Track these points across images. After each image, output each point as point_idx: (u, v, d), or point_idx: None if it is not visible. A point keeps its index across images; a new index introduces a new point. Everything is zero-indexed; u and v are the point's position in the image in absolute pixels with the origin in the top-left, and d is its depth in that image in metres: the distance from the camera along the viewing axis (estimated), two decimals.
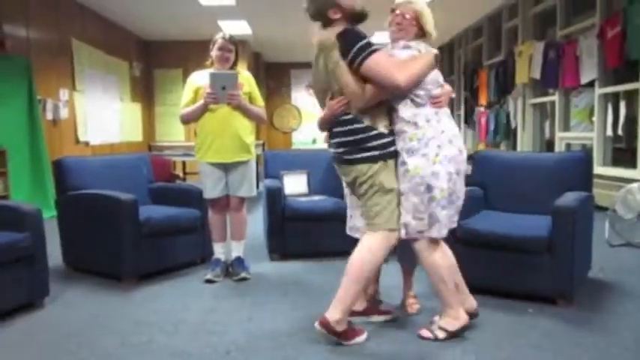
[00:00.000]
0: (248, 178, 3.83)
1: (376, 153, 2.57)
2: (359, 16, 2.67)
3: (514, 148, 9.20)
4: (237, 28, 9.91)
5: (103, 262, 3.83)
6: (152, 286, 3.68)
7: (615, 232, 4.73)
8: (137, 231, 3.69)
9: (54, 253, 3.79)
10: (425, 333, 2.71)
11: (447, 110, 2.69)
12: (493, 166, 3.90)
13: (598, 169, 6.23)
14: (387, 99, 2.60)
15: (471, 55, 11.48)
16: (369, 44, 2.51)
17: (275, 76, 15.11)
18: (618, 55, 6.09)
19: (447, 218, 2.62)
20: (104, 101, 9.31)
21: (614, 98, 6.81)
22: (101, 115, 9.13)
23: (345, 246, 4.31)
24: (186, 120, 3.80)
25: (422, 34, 2.73)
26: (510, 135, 9.39)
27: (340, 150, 2.66)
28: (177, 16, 9.44)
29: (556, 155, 4.78)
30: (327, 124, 2.71)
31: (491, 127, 9.85)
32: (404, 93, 2.56)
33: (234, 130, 3.72)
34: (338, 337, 2.60)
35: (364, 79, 2.52)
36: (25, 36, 6.81)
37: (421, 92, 2.59)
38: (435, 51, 2.66)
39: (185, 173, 9.29)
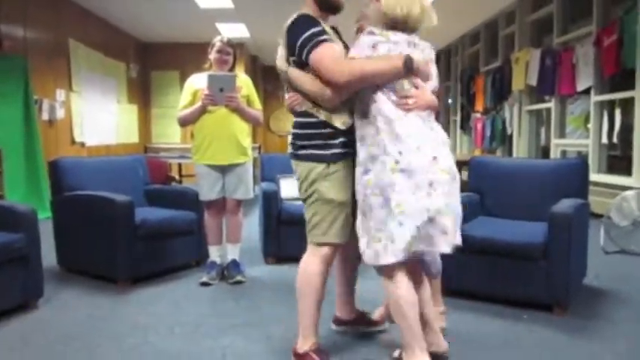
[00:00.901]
0: (245, 180, 3.83)
1: (321, 152, 2.30)
2: (330, 4, 2.41)
3: (510, 154, 9.23)
4: (234, 31, 9.92)
5: (98, 264, 3.81)
6: (147, 289, 3.66)
7: (610, 239, 4.75)
8: (133, 233, 3.68)
9: (49, 254, 3.77)
10: None
11: (423, 114, 2.23)
12: (489, 172, 3.91)
13: (593, 177, 6.25)
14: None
15: (467, 61, 11.52)
16: (314, 34, 2.21)
17: (272, 80, 15.11)
18: (614, 63, 6.13)
19: (402, 239, 2.12)
20: (101, 102, 9.29)
21: (610, 106, 6.85)
22: (97, 116, 9.11)
23: None
24: (184, 122, 3.80)
25: (393, 22, 2.24)
26: (506, 141, 9.42)
27: (291, 142, 2.44)
28: (175, 19, 9.43)
29: (552, 162, 4.80)
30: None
31: (488, 133, 9.88)
32: (346, 91, 2.22)
33: (231, 133, 3.72)
34: (297, 359, 2.40)
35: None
36: (22, 36, 6.79)
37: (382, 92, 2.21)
38: (407, 55, 2.19)
39: (181, 175, 9.28)
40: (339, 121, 2.30)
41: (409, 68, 2.18)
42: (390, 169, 2.14)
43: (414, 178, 2.12)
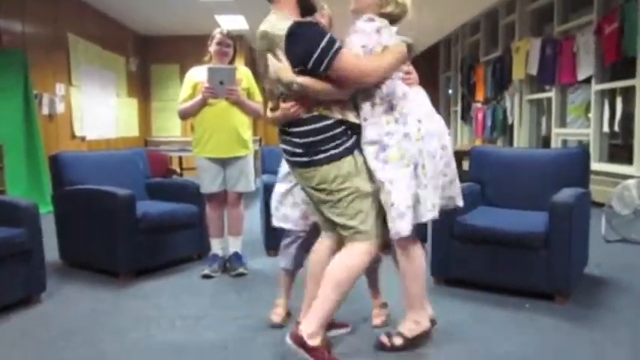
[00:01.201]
0: (245, 173, 3.83)
1: (342, 149, 2.28)
2: (310, 7, 2.43)
3: (510, 144, 9.22)
4: (234, 23, 9.88)
5: (100, 258, 3.82)
6: (149, 282, 3.67)
7: (612, 228, 4.75)
8: (134, 226, 3.68)
9: (51, 248, 3.78)
10: (383, 339, 2.54)
11: (421, 89, 2.44)
12: (490, 162, 3.91)
13: (594, 166, 6.24)
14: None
15: (468, 51, 11.48)
16: (332, 41, 2.19)
17: None
18: (615, 51, 6.10)
19: (429, 200, 2.31)
20: (100, 96, 9.28)
21: (611, 95, 6.83)
22: (97, 110, 9.10)
23: None
24: (185, 115, 3.80)
25: (385, 9, 2.35)
26: (507, 131, 9.40)
27: (298, 151, 2.32)
28: (175, 11, 9.40)
29: (553, 151, 4.80)
30: (281, 124, 2.40)
31: (488, 123, 9.87)
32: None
33: (231, 125, 3.72)
34: (308, 352, 2.26)
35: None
36: (21, 30, 6.77)
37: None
38: (408, 40, 2.40)
39: (182, 168, 9.28)
40: (352, 115, 2.33)
41: (410, 52, 2.38)
42: (415, 139, 2.29)
43: (432, 143, 2.31)
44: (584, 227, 3.44)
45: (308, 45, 2.19)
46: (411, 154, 2.27)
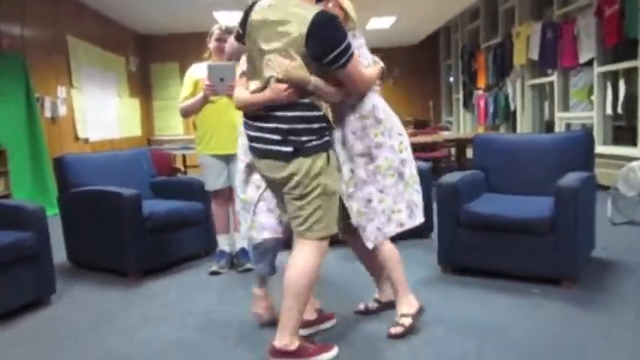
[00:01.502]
0: None
1: (320, 143, 2.26)
2: None
3: (514, 130, 9.19)
4: (232, 19, 9.84)
5: (108, 258, 3.84)
6: (158, 280, 3.69)
7: (618, 210, 4.74)
8: (141, 226, 3.70)
9: (58, 250, 3.80)
10: (393, 330, 2.59)
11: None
12: (493, 149, 3.90)
13: (599, 148, 6.21)
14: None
15: (467, 38, 11.42)
16: (350, 43, 2.24)
17: None
18: (617, 33, 6.06)
19: (421, 202, 2.63)
20: (102, 97, 9.29)
21: (614, 76, 6.79)
22: (99, 112, 9.12)
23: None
24: (187, 113, 3.79)
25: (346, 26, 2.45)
26: (510, 117, 9.37)
27: (276, 138, 2.24)
28: (173, 9, 9.39)
29: (557, 136, 4.78)
30: (259, 106, 2.29)
31: (491, 109, 9.83)
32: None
33: (233, 122, 3.71)
34: (295, 356, 2.29)
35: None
36: (19, 33, 6.78)
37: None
38: (382, 64, 2.61)
39: (186, 166, 9.29)
40: (330, 117, 2.33)
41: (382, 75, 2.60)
42: (398, 150, 2.53)
43: (409, 152, 2.60)
44: (590, 211, 3.44)
45: (333, 40, 2.18)
46: (396, 165, 2.52)
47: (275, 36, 2.21)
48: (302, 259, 2.30)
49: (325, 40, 2.17)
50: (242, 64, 2.55)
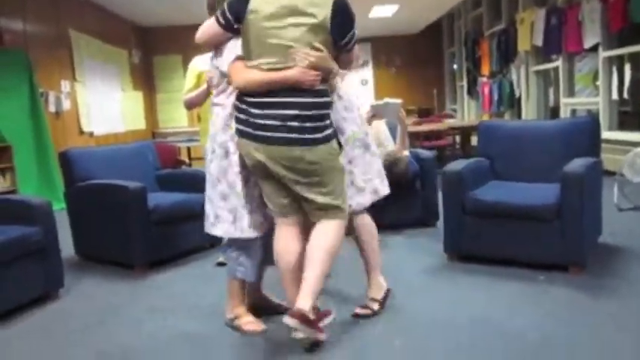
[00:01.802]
0: None
1: (333, 127, 2.39)
2: None
3: (519, 117, 9.14)
4: None
5: (115, 251, 3.86)
6: (164, 273, 3.71)
7: (624, 196, 4.72)
8: (147, 218, 3.71)
9: (66, 244, 3.82)
10: (360, 311, 2.67)
11: None
12: (498, 136, 3.88)
13: (605, 134, 6.18)
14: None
15: (471, 25, 11.35)
16: None
17: None
18: (622, 17, 6.01)
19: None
20: (105, 91, 9.29)
21: (619, 61, 6.74)
22: (103, 105, 9.12)
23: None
24: (191, 105, 3.79)
25: None
26: (515, 104, 9.32)
27: (298, 125, 2.23)
28: (174, 1, 9.34)
29: (562, 122, 4.75)
30: (274, 87, 2.26)
31: (495, 97, 9.78)
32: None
33: None
34: (313, 327, 2.28)
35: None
36: (22, 29, 6.77)
37: None
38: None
39: (190, 158, 9.30)
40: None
41: None
42: (361, 123, 2.66)
43: (367, 126, 2.79)
44: (596, 197, 3.42)
45: (352, 21, 2.35)
46: (362, 137, 2.62)
47: (295, 22, 2.24)
48: (332, 231, 2.36)
49: (347, 22, 2.32)
50: (232, 49, 2.46)
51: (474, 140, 4.17)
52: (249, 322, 2.64)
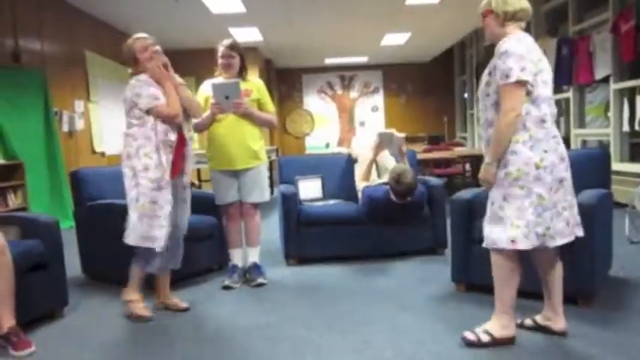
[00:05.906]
0: (259, 183, 3.84)
1: None
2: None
3: None
4: (248, 35, 9.96)
5: (122, 271, 3.83)
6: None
7: (635, 228, 4.67)
8: None
9: (73, 264, 3.83)
10: (468, 335, 2.67)
11: None
12: None
13: (615, 166, 6.15)
14: None
15: (483, 54, 11.42)
16: None
17: (286, 82, 15.15)
18: (633, 49, 6.02)
19: None
20: (118, 111, 9.37)
21: (630, 93, 6.74)
22: (116, 125, 9.20)
23: (358, 250, 4.31)
24: (198, 129, 3.86)
25: None
26: None
27: None
28: (188, 25, 9.50)
29: (573, 152, 4.71)
30: None
31: None
32: None
33: (241, 138, 3.75)
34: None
35: None
36: (39, 49, 6.90)
37: None
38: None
39: (200, 180, 9.33)
40: None
41: None
42: None
43: None
44: (607, 229, 3.39)
45: None
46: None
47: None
48: None
49: None
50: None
51: None
52: (141, 308, 3.22)
